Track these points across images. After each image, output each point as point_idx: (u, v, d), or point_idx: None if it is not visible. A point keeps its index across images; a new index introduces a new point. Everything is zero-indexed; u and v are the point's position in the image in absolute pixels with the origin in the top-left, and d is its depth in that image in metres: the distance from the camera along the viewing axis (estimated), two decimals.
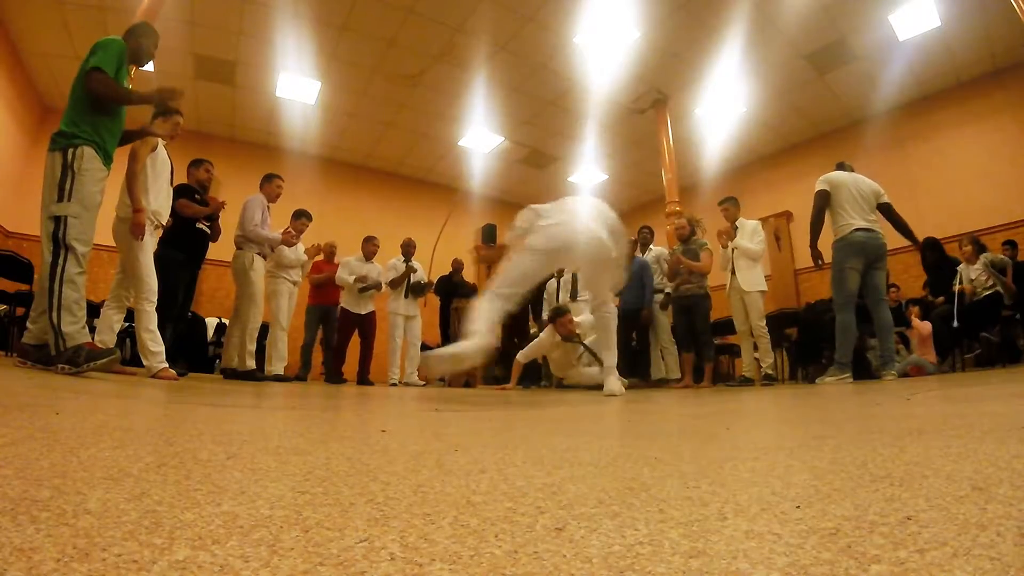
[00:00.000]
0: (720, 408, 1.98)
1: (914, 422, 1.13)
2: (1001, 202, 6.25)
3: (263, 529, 0.40)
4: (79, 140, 2.56)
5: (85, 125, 2.59)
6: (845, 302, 3.93)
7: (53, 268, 2.44)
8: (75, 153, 2.54)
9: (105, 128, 2.68)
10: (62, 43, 5.96)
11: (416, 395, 3.41)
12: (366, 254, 6.10)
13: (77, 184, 2.51)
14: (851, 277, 3.91)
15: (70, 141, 2.56)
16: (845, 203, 4.00)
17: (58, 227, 2.47)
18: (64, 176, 2.50)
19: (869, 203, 4.02)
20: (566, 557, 0.36)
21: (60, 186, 2.49)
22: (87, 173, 2.55)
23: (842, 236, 4.00)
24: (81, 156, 2.54)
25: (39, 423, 0.90)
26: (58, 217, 2.47)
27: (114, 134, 2.76)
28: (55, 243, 2.46)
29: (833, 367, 3.96)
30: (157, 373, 3.11)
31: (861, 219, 3.95)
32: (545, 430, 1.29)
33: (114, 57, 2.65)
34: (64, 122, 2.60)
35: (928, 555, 0.34)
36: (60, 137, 2.58)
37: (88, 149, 2.57)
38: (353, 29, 6.06)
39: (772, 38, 6.06)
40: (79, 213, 2.51)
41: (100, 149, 2.63)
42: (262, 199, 4.76)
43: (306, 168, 8.44)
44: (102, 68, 2.58)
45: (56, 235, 2.46)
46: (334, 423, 1.34)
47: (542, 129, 8.21)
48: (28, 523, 0.38)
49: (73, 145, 2.55)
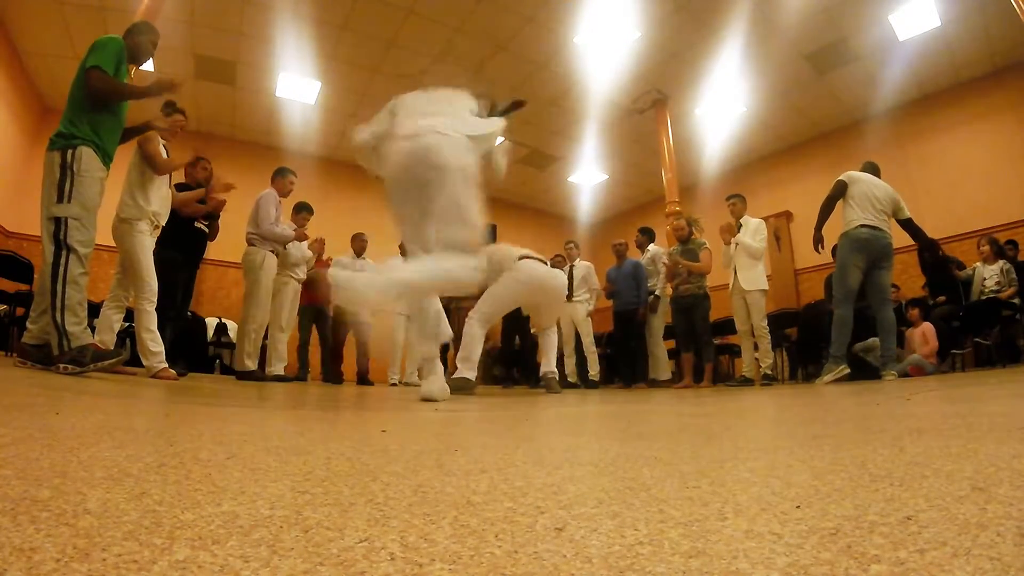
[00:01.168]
0: (720, 408, 1.98)
1: (914, 422, 1.13)
2: (1001, 202, 6.25)
3: (263, 529, 0.40)
4: (77, 140, 2.56)
5: (84, 125, 2.59)
6: (844, 297, 3.98)
7: (55, 269, 2.43)
8: (74, 154, 2.53)
9: (105, 128, 2.67)
10: (62, 43, 5.96)
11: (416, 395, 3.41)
12: (356, 251, 6.11)
13: (76, 185, 2.51)
14: (853, 274, 3.94)
15: (69, 141, 2.55)
16: (857, 199, 4.05)
17: (59, 228, 2.46)
18: (63, 177, 2.50)
19: (881, 204, 4.07)
20: (566, 557, 0.36)
21: (59, 187, 2.49)
22: (86, 174, 2.54)
23: (847, 231, 4.05)
24: (80, 157, 2.53)
25: (39, 423, 0.90)
26: (58, 218, 2.47)
27: (114, 133, 2.76)
28: (56, 244, 2.46)
29: (829, 362, 3.99)
30: (157, 373, 3.11)
31: (868, 217, 3.99)
32: (545, 430, 1.29)
33: (113, 55, 2.65)
34: (63, 122, 2.60)
35: (928, 555, 0.34)
36: (59, 138, 2.57)
37: (87, 149, 2.56)
38: (353, 29, 6.06)
39: (772, 38, 6.06)
40: (79, 214, 2.50)
41: (99, 149, 2.62)
42: (275, 195, 4.69)
43: (306, 168, 8.42)
44: (101, 66, 2.58)
45: (57, 236, 2.46)
46: (334, 423, 1.34)
47: (542, 129, 8.20)
48: (28, 523, 0.38)
49: (72, 146, 2.54)
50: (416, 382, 6.19)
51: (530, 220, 10.69)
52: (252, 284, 4.51)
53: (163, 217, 3.36)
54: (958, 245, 6.23)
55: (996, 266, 5.05)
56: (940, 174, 6.85)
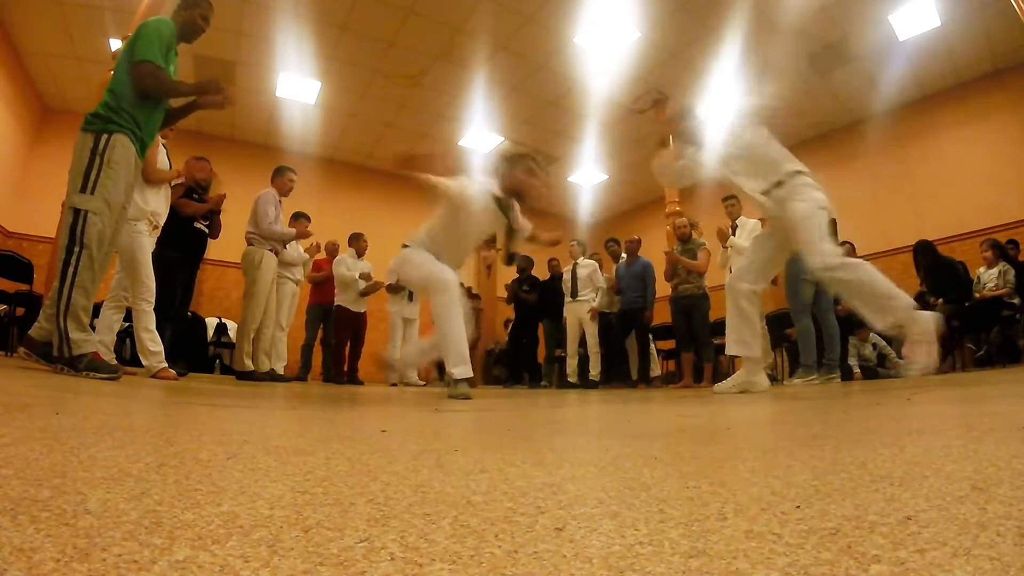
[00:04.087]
0: (720, 408, 1.98)
1: (914, 422, 1.13)
2: (1001, 202, 6.25)
3: (263, 529, 0.40)
4: (114, 127, 2.37)
5: (124, 110, 2.41)
6: (801, 310, 4.18)
7: (66, 267, 2.31)
8: (108, 141, 2.34)
9: (146, 117, 2.49)
10: (62, 43, 5.96)
11: (416, 395, 3.41)
12: (357, 251, 6.11)
13: (103, 177, 2.34)
14: (805, 288, 4.16)
15: (105, 125, 2.36)
16: None
17: (76, 220, 2.32)
18: (91, 164, 2.33)
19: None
20: (566, 557, 0.36)
21: (86, 174, 2.32)
22: (116, 166, 2.37)
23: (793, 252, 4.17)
24: (114, 146, 2.36)
25: (39, 423, 0.90)
26: (78, 210, 2.32)
27: (155, 123, 2.59)
28: (71, 238, 2.32)
29: (800, 369, 4.11)
30: (157, 373, 3.11)
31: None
32: (545, 430, 1.29)
33: (163, 45, 2.48)
34: (102, 104, 2.39)
35: (928, 555, 0.34)
36: (96, 119, 2.37)
37: (123, 138, 2.38)
38: (353, 29, 6.06)
39: (772, 38, 6.06)
40: (101, 210, 2.34)
41: (136, 139, 2.46)
42: (274, 194, 4.68)
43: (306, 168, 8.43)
44: (152, 59, 2.41)
45: (74, 229, 2.31)
46: (334, 423, 1.34)
47: (542, 129, 8.20)
48: (28, 523, 0.38)
49: (108, 131, 2.35)
50: (416, 382, 6.20)
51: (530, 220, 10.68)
52: (250, 283, 4.52)
53: (162, 217, 3.35)
54: (958, 245, 6.23)
55: (996, 269, 5.07)
56: (940, 174, 6.85)
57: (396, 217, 9.24)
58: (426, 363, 2.79)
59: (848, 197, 7.55)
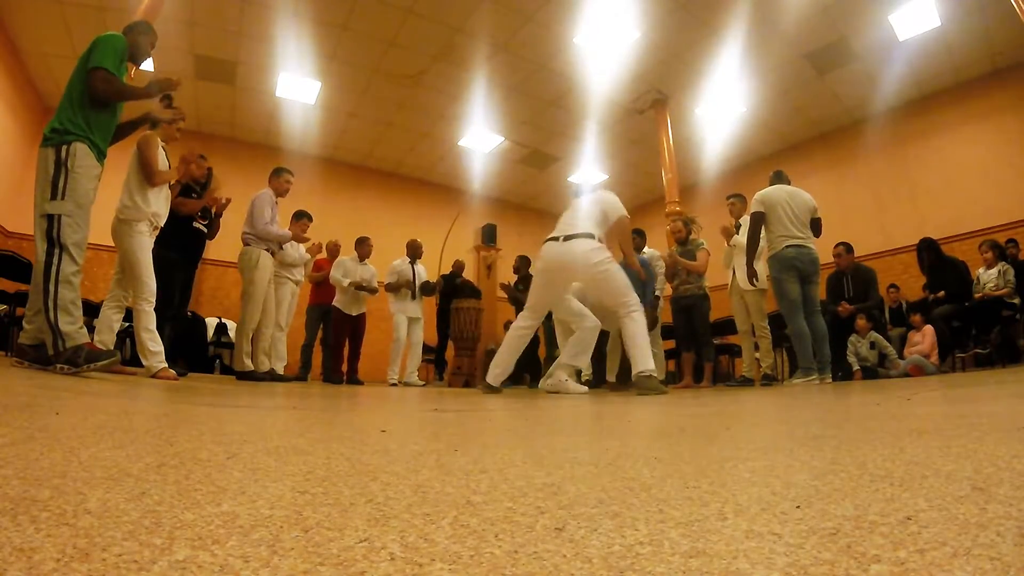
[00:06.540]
0: (720, 408, 1.98)
1: (914, 422, 1.13)
2: (1001, 202, 6.25)
3: (263, 529, 0.40)
4: (72, 136, 2.52)
5: (79, 121, 2.56)
6: (791, 310, 4.11)
7: (48, 267, 2.41)
8: (68, 150, 2.50)
9: (99, 124, 2.64)
10: (62, 43, 5.96)
11: (416, 395, 3.42)
12: (360, 255, 6.10)
13: (71, 182, 2.47)
14: (790, 288, 4.11)
15: (63, 137, 2.51)
16: (778, 220, 4.21)
17: (51, 225, 2.43)
18: (57, 173, 2.46)
19: (800, 218, 4.20)
20: (566, 557, 0.36)
21: (53, 183, 2.45)
22: (81, 170, 2.51)
23: (774, 252, 4.22)
24: (74, 153, 2.50)
25: (39, 423, 0.90)
26: (51, 215, 2.44)
27: (108, 130, 2.73)
28: (49, 241, 2.43)
29: (799, 371, 4.09)
30: (157, 373, 3.11)
31: (792, 235, 4.15)
32: (545, 430, 1.29)
33: (116, 54, 2.62)
34: (57, 118, 2.56)
35: (928, 555, 0.34)
36: (53, 133, 2.53)
37: (81, 146, 2.53)
38: (353, 29, 6.06)
39: (772, 38, 6.06)
40: (72, 211, 2.47)
41: (93, 145, 2.60)
42: (271, 195, 4.69)
43: (306, 168, 8.44)
44: (106, 67, 2.55)
45: (50, 234, 2.43)
46: (334, 423, 1.34)
47: (542, 129, 8.21)
48: (28, 523, 0.38)
49: (66, 142, 2.51)
50: (416, 382, 6.20)
51: (531, 220, 10.69)
52: (247, 284, 4.53)
53: (162, 218, 3.35)
54: (958, 245, 6.23)
55: (995, 269, 5.07)
56: (940, 174, 6.85)
57: (396, 217, 9.26)
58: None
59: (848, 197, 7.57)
